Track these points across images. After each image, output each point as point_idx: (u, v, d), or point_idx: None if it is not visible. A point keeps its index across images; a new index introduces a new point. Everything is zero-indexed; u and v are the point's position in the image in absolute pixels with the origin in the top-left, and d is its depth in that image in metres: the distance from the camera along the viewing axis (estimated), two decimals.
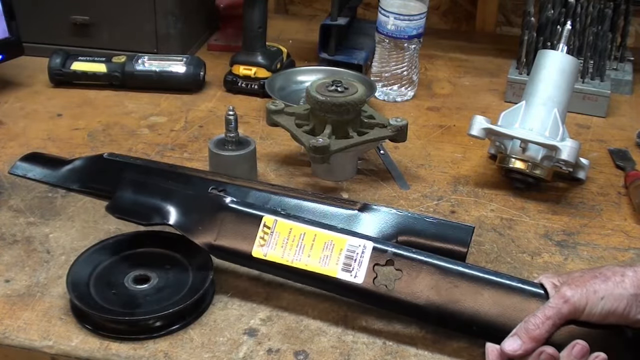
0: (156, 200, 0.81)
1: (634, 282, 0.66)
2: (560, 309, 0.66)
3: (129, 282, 0.77)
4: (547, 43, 1.21)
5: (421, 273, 0.71)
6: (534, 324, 0.66)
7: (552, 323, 0.66)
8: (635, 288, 0.66)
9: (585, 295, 0.66)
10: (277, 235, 0.75)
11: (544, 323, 0.66)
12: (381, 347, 0.72)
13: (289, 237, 0.75)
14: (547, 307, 0.67)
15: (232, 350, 0.71)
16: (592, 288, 0.66)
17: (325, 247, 0.74)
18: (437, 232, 0.82)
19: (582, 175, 1.01)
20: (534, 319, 0.67)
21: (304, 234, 0.74)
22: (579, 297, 0.66)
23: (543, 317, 0.66)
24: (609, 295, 0.66)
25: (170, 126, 1.14)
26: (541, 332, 0.66)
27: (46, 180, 0.96)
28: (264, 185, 0.90)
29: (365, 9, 1.60)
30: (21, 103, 1.19)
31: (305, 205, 0.86)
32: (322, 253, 0.74)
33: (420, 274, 0.71)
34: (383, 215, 0.84)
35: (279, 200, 0.87)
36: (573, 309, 0.66)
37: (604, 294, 0.66)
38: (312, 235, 0.74)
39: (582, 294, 0.66)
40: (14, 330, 0.73)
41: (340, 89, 0.96)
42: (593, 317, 0.66)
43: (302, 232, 0.74)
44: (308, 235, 0.74)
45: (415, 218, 0.84)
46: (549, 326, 0.66)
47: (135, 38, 1.32)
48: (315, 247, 0.74)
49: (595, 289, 0.66)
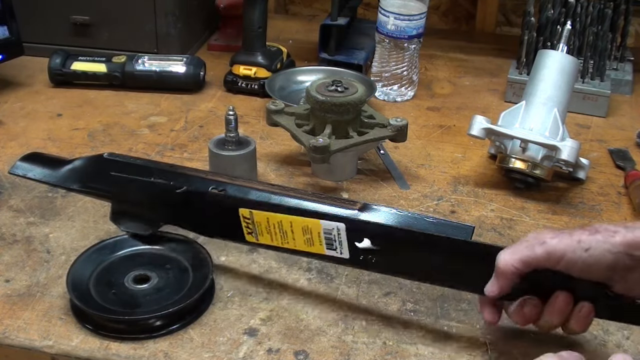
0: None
1: (625, 239, 0.62)
2: (534, 247, 0.63)
3: (129, 282, 0.77)
4: (547, 43, 1.21)
5: (396, 244, 0.72)
6: (504, 259, 0.64)
7: (523, 263, 0.63)
8: (625, 246, 0.61)
9: (566, 242, 0.62)
10: (259, 224, 0.76)
11: (514, 260, 0.63)
12: (381, 347, 0.72)
13: (269, 224, 0.76)
14: (523, 244, 0.64)
15: (232, 350, 0.71)
16: (577, 237, 0.62)
17: (304, 231, 0.74)
18: (437, 232, 0.82)
19: (582, 175, 1.01)
20: (504, 254, 0.64)
21: (280, 222, 0.75)
22: (557, 243, 0.62)
23: (512, 252, 0.64)
24: (594, 247, 0.61)
25: (170, 126, 1.14)
26: (511, 269, 0.63)
27: (46, 180, 0.95)
28: (264, 185, 0.90)
29: (365, 9, 1.60)
30: (21, 103, 1.19)
31: (305, 205, 0.86)
32: (304, 236, 0.75)
33: (396, 245, 0.72)
34: (383, 215, 0.84)
35: (279, 200, 0.87)
36: (546, 254, 0.63)
37: (588, 246, 0.62)
38: (288, 222, 0.75)
39: (561, 240, 0.62)
40: (14, 330, 0.73)
41: (340, 89, 0.96)
42: (573, 267, 0.63)
43: (279, 220, 0.75)
44: (284, 222, 0.75)
45: (415, 218, 0.84)
46: (520, 264, 0.63)
47: (135, 38, 1.32)
48: (295, 232, 0.75)
49: (580, 238, 0.62)
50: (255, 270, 0.82)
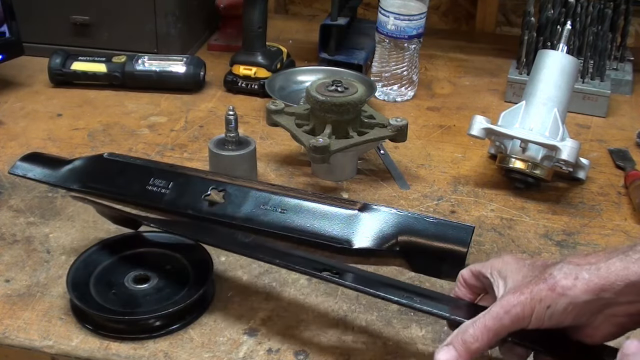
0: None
1: (588, 286, 0.57)
2: (502, 319, 0.58)
3: (129, 282, 0.77)
4: (547, 43, 1.21)
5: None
6: (473, 335, 0.59)
7: (493, 335, 0.59)
8: (589, 293, 0.57)
9: (530, 304, 0.58)
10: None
11: (483, 334, 0.58)
12: (381, 347, 0.72)
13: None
14: (488, 317, 0.59)
15: (232, 350, 0.71)
16: (538, 295, 0.58)
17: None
18: (437, 232, 0.82)
19: (582, 175, 1.01)
20: (472, 330, 0.59)
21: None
22: (522, 308, 0.58)
23: (483, 327, 0.59)
24: (554, 304, 0.58)
25: (170, 126, 1.14)
26: (480, 346, 0.59)
27: (46, 180, 0.96)
28: (264, 185, 0.91)
29: (365, 9, 1.60)
30: (21, 103, 1.19)
31: (305, 205, 0.86)
32: None
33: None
34: (383, 215, 0.85)
35: (279, 200, 0.87)
36: (516, 320, 0.58)
37: (550, 303, 0.58)
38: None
39: (526, 303, 0.58)
40: (14, 330, 0.73)
41: (340, 89, 0.96)
42: (542, 325, 0.59)
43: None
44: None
45: (415, 218, 0.84)
46: (489, 338, 0.59)
47: (135, 38, 1.32)
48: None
49: (541, 296, 0.58)
50: (255, 270, 0.82)
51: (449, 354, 0.59)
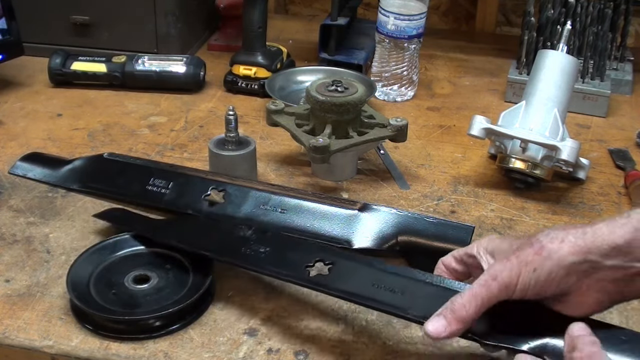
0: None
1: (574, 248, 0.58)
2: (490, 286, 0.59)
3: (129, 282, 0.77)
4: (547, 43, 1.21)
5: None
6: (461, 303, 0.59)
7: (481, 302, 0.59)
8: (576, 255, 0.58)
9: (517, 268, 0.59)
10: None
11: (471, 302, 0.59)
12: (381, 347, 0.72)
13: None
14: (476, 285, 0.60)
15: (232, 350, 0.71)
16: (524, 259, 0.58)
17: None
18: (437, 232, 0.82)
19: (582, 175, 1.01)
20: (460, 298, 0.60)
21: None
22: (510, 273, 0.59)
23: (470, 295, 0.59)
24: (540, 267, 0.58)
25: (170, 126, 1.14)
26: (468, 313, 0.59)
27: (46, 180, 0.96)
28: (264, 185, 0.91)
29: (365, 9, 1.60)
30: (21, 103, 1.19)
31: (305, 205, 0.86)
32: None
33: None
34: (383, 215, 0.85)
35: (279, 200, 0.87)
36: (503, 287, 0.59)
37: (536, 266, 0.58)
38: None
39: (512, 267, 0.59)
40: (14, 330, 0.73)
41: (340, 89, 0.96)
42: (527, 293, 0.59)
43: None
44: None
45: (415, 218, 0.84)
46: (477, 306, 0.59)
47: (135, 38, 1.32)
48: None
49: (527, 260, 0.58)
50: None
51: (438, 322, 0.60)
